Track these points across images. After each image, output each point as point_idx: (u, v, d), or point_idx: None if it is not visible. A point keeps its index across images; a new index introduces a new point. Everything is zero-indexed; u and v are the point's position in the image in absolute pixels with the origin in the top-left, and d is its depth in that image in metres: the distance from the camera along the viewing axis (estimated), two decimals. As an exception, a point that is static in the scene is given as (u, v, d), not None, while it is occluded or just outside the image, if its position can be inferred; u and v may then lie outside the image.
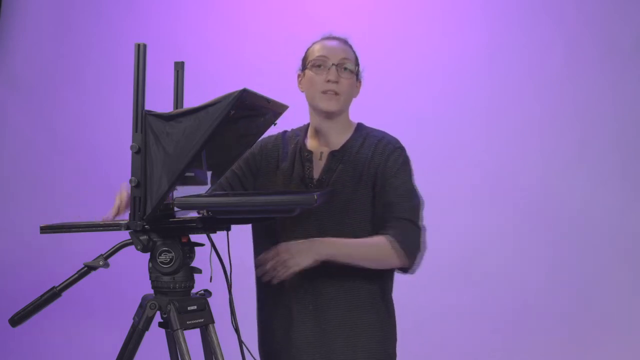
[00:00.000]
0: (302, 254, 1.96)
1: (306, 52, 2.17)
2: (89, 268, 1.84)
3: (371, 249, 2.04)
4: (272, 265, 1.97)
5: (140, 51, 1.77)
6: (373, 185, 2.10)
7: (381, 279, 2.13)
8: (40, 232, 1.84)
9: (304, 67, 2.16)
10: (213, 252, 1.96)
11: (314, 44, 2.17)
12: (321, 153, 2.15)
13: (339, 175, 2.10)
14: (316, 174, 2.14)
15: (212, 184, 2.13)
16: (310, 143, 2.18)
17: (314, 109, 2.14)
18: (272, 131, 2.13)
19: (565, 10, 3.78)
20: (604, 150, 3.70)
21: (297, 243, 1.98)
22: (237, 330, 2.00)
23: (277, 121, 2.09)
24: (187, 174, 1.89)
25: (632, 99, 3.69)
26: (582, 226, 3.69)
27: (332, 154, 2.13)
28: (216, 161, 2.12)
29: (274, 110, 2.02)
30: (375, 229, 2.09)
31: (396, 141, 2.16)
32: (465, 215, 3.74)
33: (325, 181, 2.11)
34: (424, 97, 3.85)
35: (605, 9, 3.74)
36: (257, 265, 2.02)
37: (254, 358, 2.02)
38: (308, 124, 2.23)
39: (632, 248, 3.65)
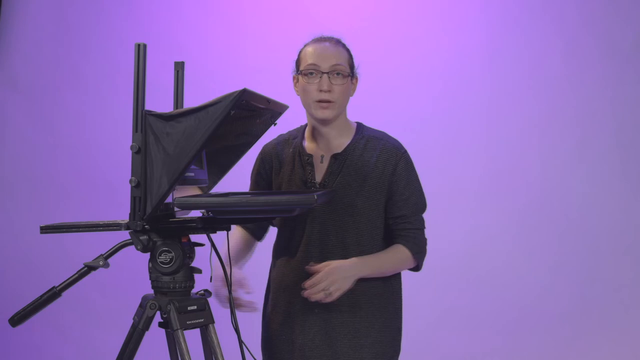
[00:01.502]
0: (345, 280, 1.98)
1: (298, 55, 2.15)
2: (89, 268, 1.84)
3: (397, 261, 2.12)
4: (317, 289, 1.96)
5: (140, 51, 1.77)
6: (379, 191, 2.10)
7: (388, 280, 2.14)
8: (40, 232, 1.84)
9: (297, 70, 2.14)
10: (213, 252, 1.96)
11: (305, 46, 2.14)
12: (322, 156, 2.15)
13: (343, 179, 2.10)
14: (318, 177, 2.13)
15: (211, 184, 2.13)
16: (309, 146, 2.17)
17: (310, 115, 2.14)
18: (272, 131, 2.12)
19: (565, 10, 3.77)
20: (603, 150, 3.70)
21: (341, 268, 1.98)
22: (237, 330, 2.00)
23: (277, 121, 2.09)
24: (187, 174, 1.89)
25: (632, 99, 3.69)
26: (582, 226, 3.69)
27: (334, 157, 2.13)
28: (216, 161, 2.13)
29: (274, 110, 2.02)
30: (378, 232, 2.11)
31: (399, 146, 2.16)
32: (465, 215, 3.74)
33: (329, 184, 2.10)
34: (424, 97, 3.85)
35: (605, 9, 3.74)
36: (303, 287, 2.00)
37: (254, 358, 2.02)
38: (304, 125, 2.22)
39: (632, 248, 3.65)
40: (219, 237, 1.98)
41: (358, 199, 2.09)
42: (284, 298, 2.15)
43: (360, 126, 2.20)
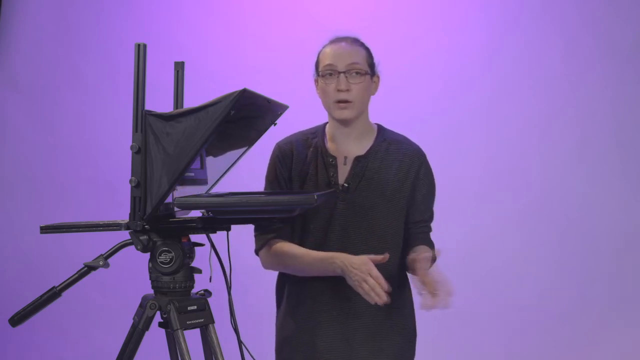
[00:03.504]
0: None
1: (317, 57, 2.13)
2: (89, 268, 1.84)
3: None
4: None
5: (140, 51, 1.77)
6: (401, 195, 2.10)
7: (402, 282, 2.14)
8: (40, 232, 1.85)
9: (317, 72, 2.13)
10: (213, 252, 1.96)
11: (323, 48, 2.13)
12: (345, 158, 2.12)
13: (366, 181, 2.09)
14: (341, 179, 2.11)
15: (212, 184, 2.13)
16: (331, 146, 2.15)
17: (331, 116, 2.13)
18: (272, 131, 2.12)
19: (565, 10, 3.77)
20: (603, 150, 3.70)
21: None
22: (236, 330, 2.00)
23: (277, 121, 2.09)
24: (187, 174, 1.90)
25: (632, 99, 3.69)
26: (582, 226, 3.69)
27: (357, 160, 2.11)
28: (216, 161, 2.13)
29: (274, 110, 2.02)
30: (399, 236, 2.12)
31: (419, 150, 2.18)
32: (465, 215, 3.74)
33: (352, 186, 2.09)
34: (424, 97, 3.85)
35: (605, 9, 3.74)
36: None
37: (253, 358, 2.02)
38: (322, 125, 2.20)
39: (632, 248, 3.65)
40: (219, 237, 1.99)
41: (380, 202, 2.08)
42: (302, 300, 2.13)
43: (381, 129, 2.19)
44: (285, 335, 2.18)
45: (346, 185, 2.10)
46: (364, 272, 1.90)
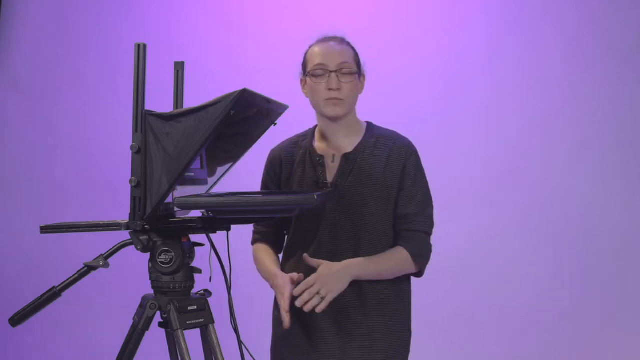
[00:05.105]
0: (337, 282, 1.96)
1: (305, 57, 2.14)
2: (89, 268, 1.84)
3: (395, 264, 2.08)
4: (307, 296, 1.93)
5: (140, 51, 1.77)
6: (390, 190, 2.09)
7: (398, 281, 2.12)
8: (40, 232, 1.85)
9: (304, 72, 2.13)
10: (213, 252, 1.96)
11: (311, 47, 2.13)
12: (333, 155, 2.13)
13: (354, 178, 2.09)
14: (329, 177, 2.11)
15: (212, 184, 2.14)
16: (319, 146, 2.15)
17: (320, 114, 2.13)
18: (272, 131, 2.12)
19: (565, 10, 3.77)
20: (603, 150, 3.70)
21: (331, 272, 1.96)
22: (236, 330, 2.00)
23: (277, 121, 2.09)
24: (187, 174, 1.90)
25: (632, 99, 3.69)
26: (582, 226, 3.69)
27: (345, 157, 2.11)
28: (216, 162, 2.13)
29: (274, 110, 2.02)
30: (391, 232, 2.10)
31: (410, 144, 2.15)
32: (465, 215, 3.74)
33: (340, 184, 2.09)
34: (424, 97, 3.85)
35: (605, 9, 3.74)
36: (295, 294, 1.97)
37: (253, 358, 2.02)
38: (314, 127, 2.21)
39: (632, 248, 3.65)
40: (219, 237, 1.99)
41: (370, 198, 2.07)
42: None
43: (370, 125, 2.19)
44: (279, 332, 2.18)
45: (335, 183, 2.09)
46: (278, 293, 2.01)
